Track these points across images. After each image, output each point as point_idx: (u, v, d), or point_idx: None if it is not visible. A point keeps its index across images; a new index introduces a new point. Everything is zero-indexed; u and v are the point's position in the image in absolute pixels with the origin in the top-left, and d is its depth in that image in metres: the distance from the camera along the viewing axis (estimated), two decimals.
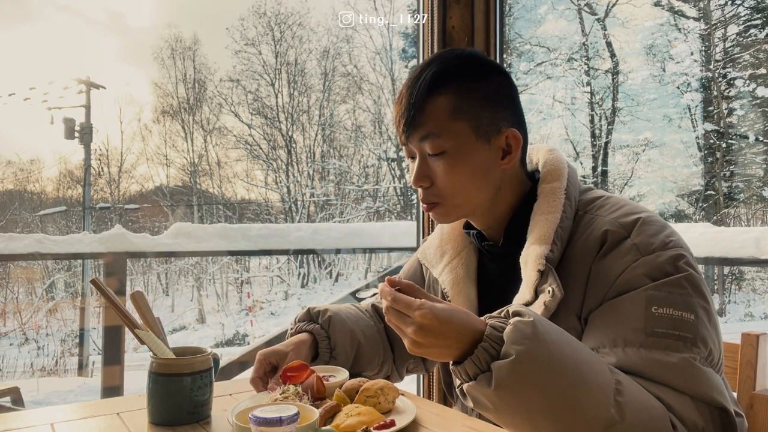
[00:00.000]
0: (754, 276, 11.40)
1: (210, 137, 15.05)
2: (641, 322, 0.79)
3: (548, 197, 0.94)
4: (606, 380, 0.73)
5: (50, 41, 18.19)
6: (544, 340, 0.72)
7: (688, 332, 0.78)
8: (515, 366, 0.70)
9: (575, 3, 11.28)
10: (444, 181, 0.95)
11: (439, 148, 0.94)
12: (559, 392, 0.71)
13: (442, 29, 2.09)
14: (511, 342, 0.71)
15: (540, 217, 0.92)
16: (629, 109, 11.15)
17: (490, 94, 0.95)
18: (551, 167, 0.99)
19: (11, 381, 8.32)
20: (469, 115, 0.94)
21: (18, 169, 14.65)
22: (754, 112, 10.04)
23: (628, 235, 0.85)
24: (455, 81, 0.94)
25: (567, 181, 0.96)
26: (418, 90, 0.94)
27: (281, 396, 0.91)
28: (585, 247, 0.88)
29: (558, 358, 0.71)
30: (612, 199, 0.94)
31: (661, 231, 0.86)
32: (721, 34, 10.22)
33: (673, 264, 0.82)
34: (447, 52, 0.98)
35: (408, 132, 0.96)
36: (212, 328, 12.28)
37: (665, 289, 0.80)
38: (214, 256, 11.57)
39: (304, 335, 1.13)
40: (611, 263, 0.84)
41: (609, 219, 0.88)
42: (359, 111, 14.86)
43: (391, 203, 14.46)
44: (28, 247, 3.19)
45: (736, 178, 10.50)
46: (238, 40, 14.78)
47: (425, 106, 0.93)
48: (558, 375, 0.71)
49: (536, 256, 0.88)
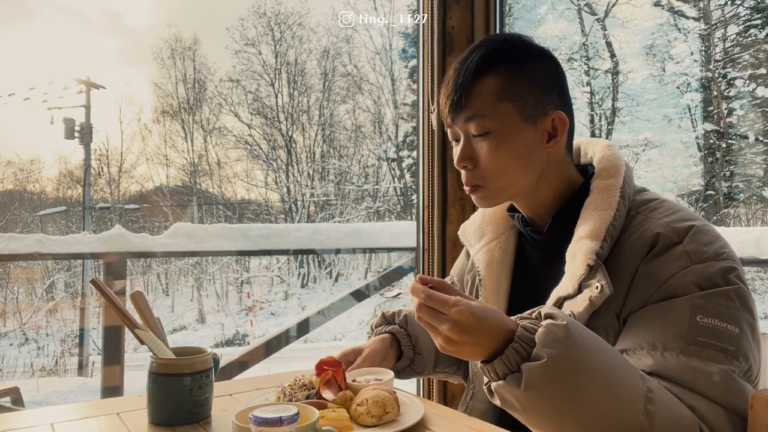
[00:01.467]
0: (754, 276, 11.39)
1: (210, 137, 15.06)
2: (684, 329, 0.78)
3: (603, 193, 0.92)
4: (637, 388, 0.72)
5: (50, 41, 18.19)
6: (576, 344, 0.71)
7: (730, 345, 0.77)
8: (546, 369, 0.70)
9: (575, 3, 11.28)
10: (487, 162, 0.94)
11: (484, 128, 0.93)
12: (589, 398, 0.70)
13: (442, 29, 2.09)
14: (542, 344, 0.71)
15: (592, 212, 0.90)
16: (629, 109, 11.15)
17: (537, 76, 0.95)
18: (608, 163, 0.97)
19: (11, 381, 8.32)
20: (515, 97, 0.93)
21: (18, 169, 14.66)
22: (754, 112, 10.04)
23: (680, 240, 0.84)
24: (502, 63, 0.94)
25: (623, 180, 0.94)
26: (466, 72, 0.94)
27: (288, 385, 0.94)
28: (634, 247, 0.86)
29: (589, 363, 0.71)
30: (666, 203, 0.92)
31: (715, 241, 0.84)
32: (721, 34, 10.22)
33: (724, 276, 0.80)
34: (495, 35, 1.00)
35: (454, 113, 0.95)
36: (212, 328, 12.28)
37: (713, 300, 0.79)
38: (214, 256, 11.57)
39: (385, 335, 1.15)
40: (660, 267, 0.83)
41: (662, 222, 0.86)
42: (359, 111, 14.87)
43: (391, 203, 14.46)
44: (28, 247, 3.19)
45: (736, 178, 10.50)
46: (238, 40, 14.80)
47: (472, 88, 0.93)
48: (589, 380, 0.70)
49: (587, 250, 0.86)
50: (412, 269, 3.77)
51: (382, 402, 0.88)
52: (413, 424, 0.88)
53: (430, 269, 2.29)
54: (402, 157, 14.17)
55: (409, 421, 0.88)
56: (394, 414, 0.89)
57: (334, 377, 0.96)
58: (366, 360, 1.08)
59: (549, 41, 11.55)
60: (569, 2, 11.26)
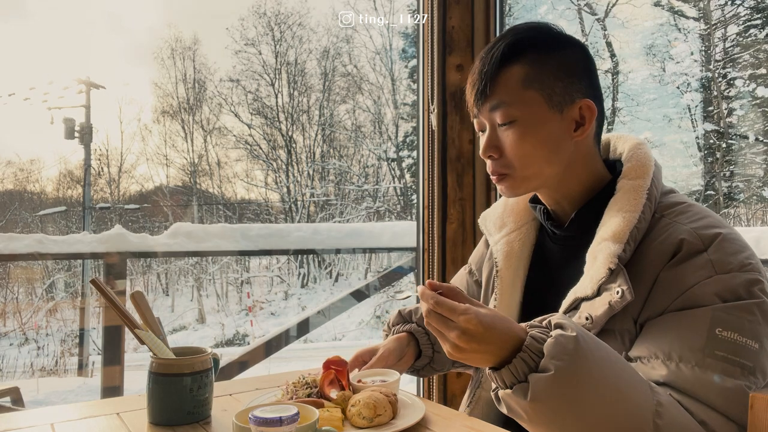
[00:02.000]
0: None
1: (210, 137, 15.06)
2: (702, 342, 0.76)
3: (629, 194, 0.89)
4: (647, 401, 0.71)
5: (50, 41, 18.20)
6: (585, 357, 0.70)
7: (748, 360, 0.75)
8: (553, 382, 0.69)
9: (575, 3, 11.29)
10: (513, 150, 0.93)
11: (510, 116, 0.92)
12: (597, 411, 0.69)
13: (442, 29, 2.09)
14: (551, 356, 0.70)
15: (617, 213, 0.87)
16: (629, 109, 11.15)
17: (565, 64, 0.93)
18: (637, 162, 0.94)
19: (11, 381, 8.32)
20: (541, 84, 0.92)
21: (18, 169, 14.65)
22: (754, 112, 10.04)
23: (705, 249, 0.81)
24: (528, 51, 0.92)
25: (651, 181, 0.91)
26: (491, 60, 0.93)
27: (292, 383, 0.96)
28: (657, 251, 0.84)
29: (598, 376, 0.70)
30: (695, 208, 0.89)
31: (741, 251, 0.81)
32: (721, 34, 10.22)
33: (747, 288, 0.78)
34: (522, 24, 0.97)
35: (479, 102, 0.94)
36: (212, 328, 12.28)
37: (734, 313, 0.76)
38: (214, 256, 11.57)
39: (401, 334, 1.14)
40: (682, 274, 0.80)
41: (688, 228, 0.84)
42: (359, 111, 14.87)
43: (391, 203, 14.46)
44: (28, 247, 3.19)
45: (736, 178, 10.50)
46: (238, 40, 14.80)
47: (498, 77, 0.92)
48: (596, 394, 0.69)
49: (609, 254, 0.84)
50: (412, 269, 3.77)
51: (373, 404, 0.87)
52: (413, 424, 0.88)
53: (430, 269, 2.29)
54: (402, 157, 14.17)
55: (409, 421, 0.88)
56: (387, 417, 0.88)
57: (337, 377, 0.96)
58: (380, 360, 1.07)
59: None
60: (569, 2, 11.26)
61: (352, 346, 10.53)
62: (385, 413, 0.88)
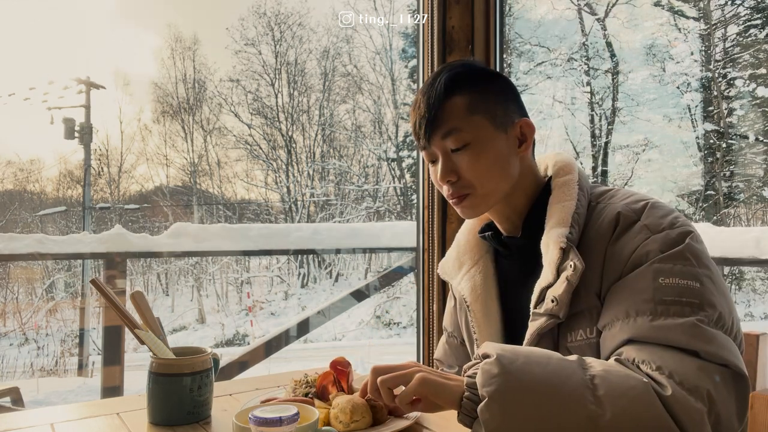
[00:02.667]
0: (754, 276, 11.40)
1: (210, 137, 15.05)
2: (650, 293, 0.84)
3: (563, 188, 1.01)
4: (578, 382, 0.76)
5: (51, 41, 18.20)
6: (510, 371, 0.76)
7: (694, 298, 0.82)
8: (491, 405, 0.75)
9: (575, 3, 11.29)
10: (470, 171, 1.00)
11: (462, 141, 1.00)
12: (538, 412, 0.75)
13: (442, 29, 2.09)
14: (482, 385, 0.77)
15: (557, 205, 0.98)
16: (629, 109, 11.15)
17: (499, 91, 1.04)
18: (562, 164, 1.06)
19: (11, 381, 8.32)
20: (484, 109, 1.01)
21: (18, 169, 14.64)
22: (754, 112, 10.04)
23: (638, 217, 0.91)
24: (467, 83, 1.02)
25: (578, 175, 1.02)
26: (435, 93, 1.01)
27: (295, 381, 0.96)
28: (600, 230, 0.93)
29: (527, 382, 0.76)
30: (622, 190, 1.01)
31: (669, 214, 0.92)
32: (721, 34, 10.22)
33: (680, 239, 0.87)
34: (452, 62, 1.07)
35: (430, 132, 1.02)
36: (212, 328, 12.28)
37: (671, 261, 0.85)
38: (214, 256, 11.57)
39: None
40: (625, 243, 0.90)
41: (620, 204, 0.94)
42: (359, 111, 14.86)
43: (391, 203, 14.46)
44: (28, 247, 3.19)
45: (736, 178, 10.51)
46: (238, 40, 14.78)
47: (444, 106, 1.01)
48: (531, 398, 0.75)
49: (557, 236, 0.93)
50: (412, 269, 3.77)
51: (350, 409, 0.87)
52: (410, 424, 0.88)
53: (430, 269, 2.29)
54: (402, 157, 14.17)
55: (405, 421, 0.88)
56: (365, 423, 0.87)
57: (336, 378, 0.95)
58: None
59: (549, 41, 11.56)
60: (569, 2, 11.26)
61: (352, 346, 10.54)
62: (362, 419, 0.87)
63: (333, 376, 0.96)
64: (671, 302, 0.82)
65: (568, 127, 11.53)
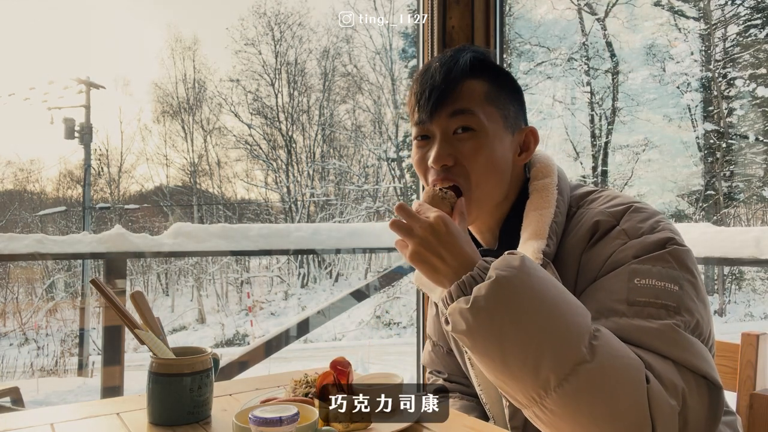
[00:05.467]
0: (754, 276, 11.40)
1: (210, 137, 15.05)
2: (624, 294, 0.79)
3: (541, 193, 0.94)
4: (585, 323, 0.73)
5: (50, 41, 18.20)
6: (529, 273, 0.73)
7: (671, 301, 0.78)
8: (493, 287, 0.72)
9: (575, 3, 11.28)
10: (470, 159, 0.92)
11: (472, 124, 0.92)
12: (533, 323, 0.72)
13: (442, 29, 2.09)
14: (495, 267, 0.74)
15: (533, 213, 0.92)
16: (629, 109, 11.15)
17: (514, 91, 0.98)
18: (541, 165, 0.99)
19: (11, 381, 8.32)
20: (500, 104, 0.95)
21: (18, 169, 14.64)
22: (754, 112, 10.04)
23: (617, 222, 0.86)
24: (491, 70, 0.95)
25: (558, 177, 0.96)
26: (459, 67, 0.93)
27: (295, 380, 0.96)
28: (577, 239, 0.88)
29: (538, 291, 0.73)
30: (604, 192, 0.94)
31: (651, 217, 0.86)
32: (721, 34, 10.23)
33: (660, 244, 0.82)
34: (473, 46, 1.00)
35: (437, 106, 0.92)
36: (212, 328, 12.28)
37: (649, 263, 0.80)
38: (214, 256, 11.57)
39: None
40: (601, 249, 0.85)
41: (600, 209, 0.89)
42: (359, 111, 14.86)
43: (391, 203, 14.45)
44: (28, 247, 3.18)
45: (736, 178, 10.51)
46: (238, 40, 14.79)
47: (463, 84, 0.93)
48: (534, 307, 0.72)
49: (533, 251, 0.87)
50: (412, 269, 3.76)
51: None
52: (412, 424, 0.88)
53: None
54: (402, 157, 14.16)
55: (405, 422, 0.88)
56: (364, 424, 0.87)
57: (336, 378, 0.95)
58: None
59: (549, 41, 11.56)
60: (569, 2, 11.26)
61: (352, 346, 10.53)
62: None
63: (333, 376, 0.96)
64: (645, 303, 0.77)
65: (568, 127, 11.53)
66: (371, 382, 1.00)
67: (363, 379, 1.02)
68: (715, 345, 0.84)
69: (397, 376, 1.02)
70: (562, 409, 0.71)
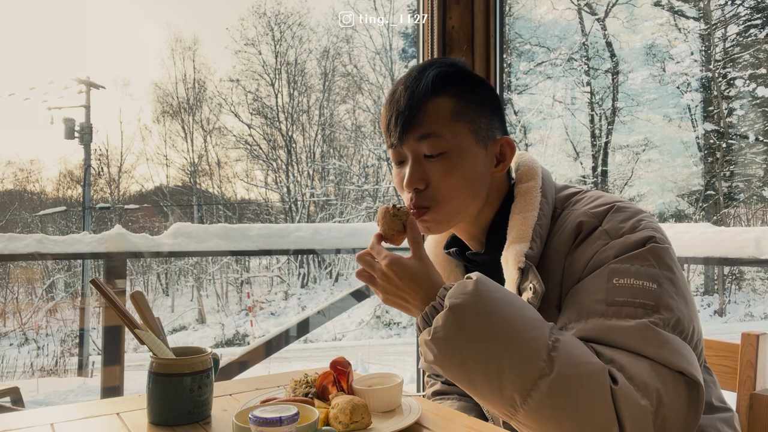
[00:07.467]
0: (754, 276, 11.40)
1: (210, 137, 15.06)
2: (603, 294, 0.80)
3: (525, 196, 0.94)
4: (541, 337, 0.75)
5: (50, 41, 18.20)
6: (481, 296, 0.76)
7: (649, 300, 0.78)
8: (448, 316, 0.76)
9: (575, 3, 11.29)
10: (441, 183, 0.92)
11: (440, 148, 0.92)
12: (489, 345, 0.74)
13: (442, 29, 2.09)
14: (449, 296, 0.77)
15: (518, 216, 0.92)
16: (629, 109, 11.16)
17: (485, 101, 0.96)
18: (525, 168, 0.99)
19: (11, 381, 8.32)
20: (468, 118, 0.93)
21: (18, 169, 14.65)
22: (754, 112, 10.05)
23: (600, 223, 0.86)
24: (456, 84, 0.94)
25: (542, 180, 0.96)
26: (420, 89, 0.92)
27: (295, 380, 0.97)
28: (561, 241, 0.89)
29: (492, 313, 0.75)
30: (589, 193, 0.95)
31: (633, 217, 0.86)
32: (721, 34, 10.23)
33: (641, 243, 0.82)
34: (439, 59, 0.99)
35: (404, 131, 0.93)
36: (212, 328, 12.28)
37: (628, 263, 0.81)
38: (214, 256, 11.57)
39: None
40: (583, 251, 0.85)
41: (583, 210, 0.89)
42: (359, 111, 14.88)
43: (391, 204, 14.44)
44: (28, 247, 3.18)
45: (736, 178, 10.51)
46: (238, 40, 14.82)
47: (427, 106, 0.92)
48: (489, 328, 0.75)
49: (516, 254, 0.88)
50: None
51: (350, 410, 0.86)
52: (411, 424, 0.88)
53: None
54: None
55: (406, 421, 0.88)
56: (364, 423, 0.87)
57: (336, 378, 0.95)
58: None
59: (549, 41, 11.57)
60: (569, 2, 11.27)
61: (352, 346, 10.53)
62: (362, 420, 0.87)
63: (333, 376, 0.96)
64: (623, 303, 0.78)
65: (568, 127, 11.54)
66: (371, 382, 1.00)
67: (363, 379, 1.02)
68: (702, 341, 0.84)
69: (397, 377, 1.02)
70: (532, 422, 0.75)
